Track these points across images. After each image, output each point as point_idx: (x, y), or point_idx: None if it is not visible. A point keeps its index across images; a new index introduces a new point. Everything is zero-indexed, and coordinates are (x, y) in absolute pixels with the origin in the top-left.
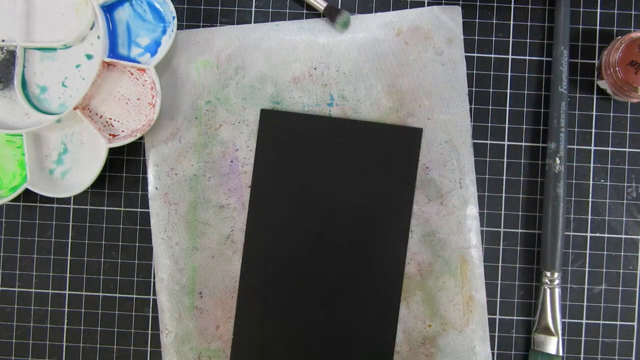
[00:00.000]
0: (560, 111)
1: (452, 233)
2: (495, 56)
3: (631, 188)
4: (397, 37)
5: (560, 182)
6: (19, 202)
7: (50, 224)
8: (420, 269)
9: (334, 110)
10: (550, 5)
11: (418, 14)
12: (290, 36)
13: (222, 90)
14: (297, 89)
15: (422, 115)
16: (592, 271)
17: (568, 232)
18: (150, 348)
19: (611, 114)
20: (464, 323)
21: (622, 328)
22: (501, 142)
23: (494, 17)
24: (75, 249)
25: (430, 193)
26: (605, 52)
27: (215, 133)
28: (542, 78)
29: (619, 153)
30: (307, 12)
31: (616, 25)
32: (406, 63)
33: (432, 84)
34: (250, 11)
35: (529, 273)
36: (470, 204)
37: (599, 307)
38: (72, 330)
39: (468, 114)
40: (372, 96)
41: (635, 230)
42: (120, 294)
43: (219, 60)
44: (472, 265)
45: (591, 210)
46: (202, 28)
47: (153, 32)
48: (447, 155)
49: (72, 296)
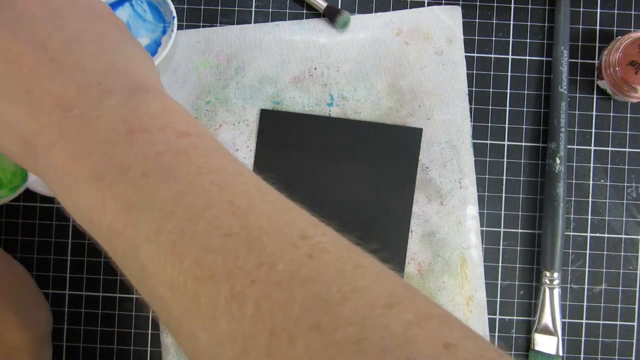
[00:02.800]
0: (560, 111)
1: (452, 233)
2: (495, 56)
3: (631, 188)
4: (397, 37)
5: (560, 182)
6: (19, 202)
7: (50, 224)
8: (420, 269)
9: (334, 110)
10: (550, 5)
11: (418, 14)
12: (290, 36)
13: (222, 90)
14: (297, 89)
15: (422, 115)
16: (592, 271)
17: (568, 232)
18: (151, 348)
19: (611, 114)
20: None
21: (622, 328)
22: (501, 142)
23: (494, 17)
24: (75, 249)
25: (430, 193)
26: (605, 52)
27: (215, 133)
28: (542, 78)
29: (619, 153)
30: (307, 12)
31: (616, 25)
32: (406, 63)
33: (432, 84)
34: (250, 11)
35: (529, 273)
36: (470, 204)
37: (599, 307)
38: (72, 330)
39: (468, 114)
40: (372, 96)
41: (635, 230)
42: (120, 294)
43: (219, 60)
44: (472, 265)
45: (591, 210)
46: (202, 28)
47: (153, 32)
48: (447, 155)
49: (72, 296)
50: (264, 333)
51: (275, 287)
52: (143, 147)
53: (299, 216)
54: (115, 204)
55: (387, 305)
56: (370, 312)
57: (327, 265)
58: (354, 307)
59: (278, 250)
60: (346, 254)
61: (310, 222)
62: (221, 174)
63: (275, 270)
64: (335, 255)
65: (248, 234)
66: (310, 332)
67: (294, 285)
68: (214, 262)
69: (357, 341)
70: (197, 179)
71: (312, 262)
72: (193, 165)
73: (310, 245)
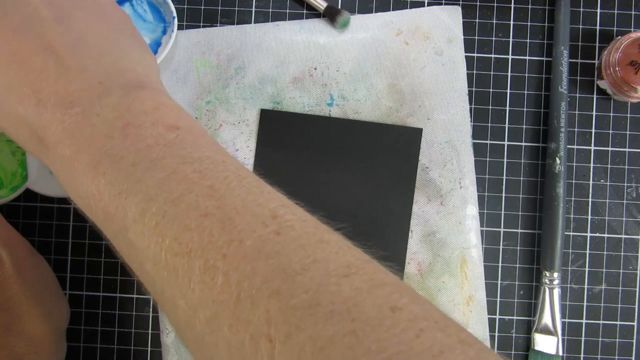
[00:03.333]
0: (560, 111)
1: (452, 233)
2: (495, 56)
3: (631, 188)
4: (397, 37)
5: (560, 182)
6: (19, 202)
7: (51, 224)
8: (420, 268)
9: (334, 110)
10: (550, 5)
11: (418, 14)
12: (290, 36)
13: (222, 90)
14: (297, 89)
15: (422, 115)
16: (592, 271)
17: (568, 232)
18: (151, 348)
19: (611, 114)
20: (464, 323)
21: (622, 328)
22: (501, 142)
23: (494, 17)
24: (75, 249)
25: (430, 193)
26: (605, 52)
27: (216, 133)
28: (542, 78)
29: (619, 153)
30: (307, 12)
31: (616, 25)
32: (406, 63)
33: (432, 84)
34: (250, 11)
35: (529, 273)
36: (470, 204)
37: (599, 307)
38: (72, 330)
39: (468, 114)
40: (372, 96)
41: (635, 230)
42: (120, 294)
43: (219, 60)
44: (472, 265)
45: (591, 210)
46: (202, 28)
47: (153, 32)
48: (447, 155)
49: (72, 296)
50: (231, 299)
51: (242, 260)
52: (135, 140)
53: (271, 198)
54: (107, 190)
55: (343, 275)
56: (326, 280)
57: (292, 240)
58: (311, 277)
59: (248, 228)
60: (312, 230)
61: (282, 203)
62: (204, 163)
63: (244, 245)
64: (301, 231)
65: (223, 214)
66: (270, 298)
67: (260, 258)
68: (191, 239)
69: (310, 306)
70: (181, 167)
71: (278, 238)
72: (178, 156)
73: (278, 224)
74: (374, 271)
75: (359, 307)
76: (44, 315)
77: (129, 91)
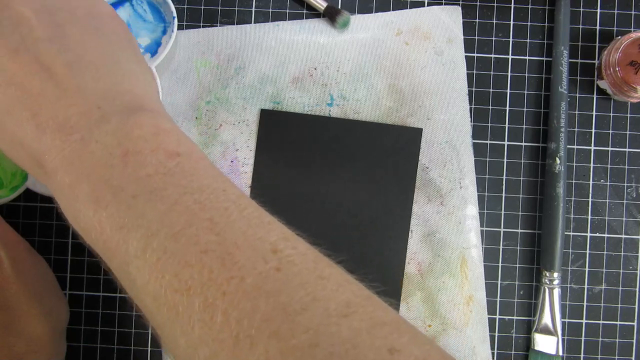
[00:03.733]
0: (560, 111)
1: (452, 233)
2: (495, 56)
3: (631, 188)
4: (397, 37)
5: (560, 182)
6: (19, 202)
7: (51, 224)
8: (420, 268)
9: (334, 110)
10: (550, 5)
11: (418, 14)
12: (290, 36)
13: (222, 90)
14: (297, 89)
15: (422, 115)
16: (592, 271)
17: (568, 232)
18: (151, 348)
19: (611, 114)
20: (464, 323)
21: (622, 328)
22: (501, 142)
23: (494, 17)
24: (75, 249)
25: (430, 193)
26: (605, 52)
27: (216, 133)
28: (542, 78)
29: (619, 153)
30: (307, 12)
31: (616, 25)
32: (406, 63)
33: (432, 84)
34: (250, 11)
35: (529, 273)
36: (470, 204)
37: (599, 307)
38: (72, 330)
39: (468, 114)
40: (372, 96)
41: (635, 230)
42: (120, 293)
43: (219, 60)
44: (472, 265)
45: (591, 210)
46: (202, 28)
47: (153, 32)
48: (447, 155)
49: (72, 296)
50: (230, 338)
51: (242, 298)
52: (135, 169)
53: (272, 230)
54: (109, 224)
55: (343, 315)
56: (326, 320)
57: (292, 277)
58: (311, 316)
59: (248, 264)
60: (312, 265)
61: (283, 236)
62: (204, 193)
63: (244, 283)
64: (301, 267)
65: (223, 250)
66: (270, 338)
67: (260, 296)
68: (191, 276)
69: (310, 347)
70: (182, 198)
71: (278, 275)
72: (179, 186)
73: (279, 259)
74: (373, 309)
75: (358, 349)
76: (43, 315)
77: (127, 116)
